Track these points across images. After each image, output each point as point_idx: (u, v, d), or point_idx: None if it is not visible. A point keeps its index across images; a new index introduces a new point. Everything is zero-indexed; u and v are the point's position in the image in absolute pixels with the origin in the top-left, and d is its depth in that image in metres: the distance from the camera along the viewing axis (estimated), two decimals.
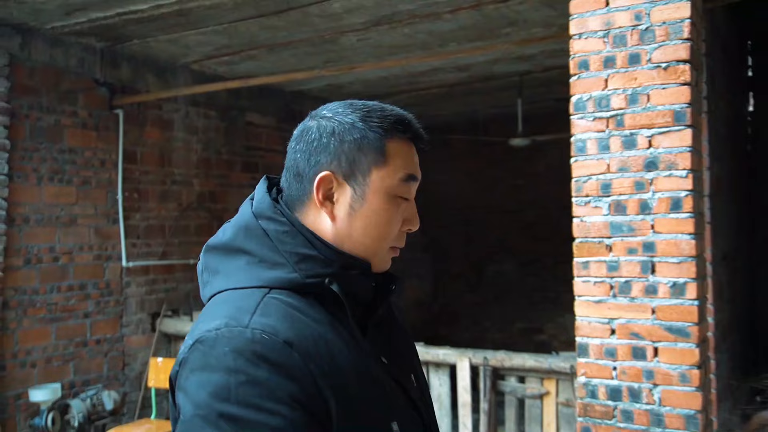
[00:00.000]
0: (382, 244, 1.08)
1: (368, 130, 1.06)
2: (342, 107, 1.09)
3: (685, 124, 2.74)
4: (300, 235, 1.04)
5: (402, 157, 1.07)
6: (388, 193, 1.06)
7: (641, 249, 2.83)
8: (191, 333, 0.99)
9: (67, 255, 5.04)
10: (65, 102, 5.04)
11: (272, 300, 0.99)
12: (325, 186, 1.05)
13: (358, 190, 1.06)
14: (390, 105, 1.11)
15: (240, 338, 0.92)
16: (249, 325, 0.94)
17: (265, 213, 1.06)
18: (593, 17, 2.91)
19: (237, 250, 1.05)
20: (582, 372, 2.97)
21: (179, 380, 0.96)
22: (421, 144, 1.11)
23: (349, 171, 1.05)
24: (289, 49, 5.35)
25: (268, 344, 0.92)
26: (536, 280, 8.69)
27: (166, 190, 5.86)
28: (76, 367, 5.09)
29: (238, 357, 0.91)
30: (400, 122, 1.08)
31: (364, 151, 1.05)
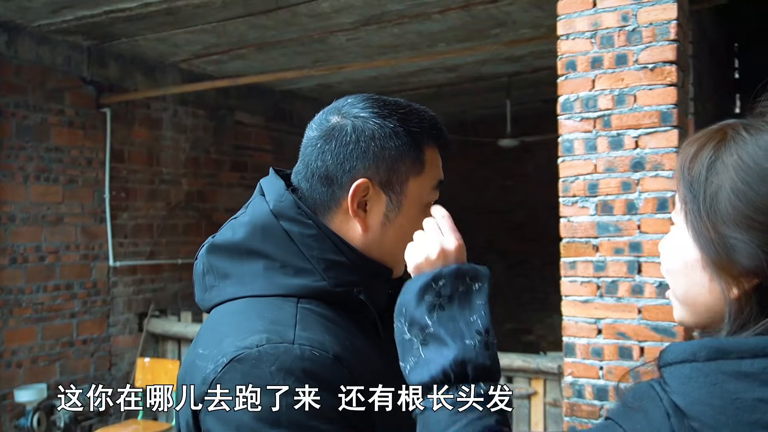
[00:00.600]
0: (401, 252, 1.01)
1: (410, 137, 0.98)
2: (377, 106, 1.00)
3: (671, 125, 2.75)
4: (327, 240, 0.96)
5: (435, 164, 1.02)
6: (422, 202, 1.01)
7: (628, 249, 2.85)
8: (216, 348, 0.89)
9: (53, 254, 5.01)
10: (52, 100, 5.01)
11: (306, 311, 0.92)
12: (361, 194, 0.97)
13: (394, 199, 0.99)
14: (418, 104, 1.05)
15: (288, 355, 0.85)
16: (295, 341, 0.86)
17: (287, 213, 0.97)
18: (581, 18, 2.92)
19: (253, 252, 0.96)
20: (569, 372, 2.98)
21: (210, 404, 0.86)
22: (446, 152, 1.05)
23: (387, 179, 0.98)
24: (278, 49, 5.34)
25: (319, 361, 0.86)
26: (525, 280, 8.71)
27: (154, 189, 5.84)
28: (62, 367, 5.05)
29: (288, 376, 0.84)
30: (435, 128, 1.02)
31: (403, 159, 0.98)
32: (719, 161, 0.73)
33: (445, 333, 0.86)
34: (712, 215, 0.72)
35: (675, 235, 0.79)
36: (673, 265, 0.79)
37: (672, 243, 0.80)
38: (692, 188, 0.75)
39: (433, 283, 0.89)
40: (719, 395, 0.65)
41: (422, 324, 0.87)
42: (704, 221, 0.73)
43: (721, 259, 0.72)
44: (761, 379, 0.64)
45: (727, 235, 0.71)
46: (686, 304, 0.79)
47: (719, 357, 0.66)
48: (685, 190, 0.76)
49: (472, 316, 0.88)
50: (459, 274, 0.90)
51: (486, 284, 0.92)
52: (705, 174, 0.74)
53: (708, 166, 0.73)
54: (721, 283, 0.72)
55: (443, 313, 0.88)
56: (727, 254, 0.71)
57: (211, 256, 1.00)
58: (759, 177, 0.70)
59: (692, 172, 0.75)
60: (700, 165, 0.74)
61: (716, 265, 0.72)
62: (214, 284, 0.99)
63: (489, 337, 0.87)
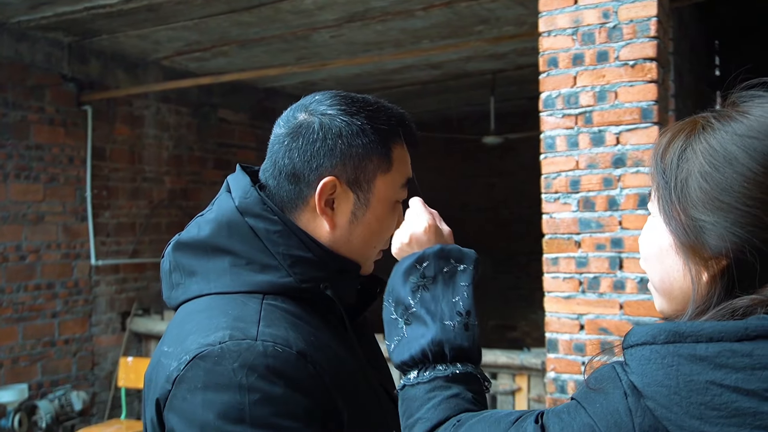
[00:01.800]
0: (375, 250, 1.04)
1: (377, 134, 0.98)
2: (345, 103, 0.99)
3: (651, 121, 2.77)
4: (293, 236, 0.96)
5: (403, 162, 1.02)
6: (391, 200, 1.01)
7: (609, 245, 2.86)
8: (179, 346, 0.88)
9: (34, 253, 4.96)
10: (31, 98, 4.95)
11: (271, 307, 0.92)
12: (328, 192, 0.97)
13: (362, 197, 0.99)
14: (386, 101, 1.04)
15: (250, 352, 0.84)
16: (258, 337, 0.86)
17: (253, 209, 0.96)
18: (562, 15, 2.93)
19: (218, 249, 0.95)
20: (551, 367, 2.99)
21: (173, 401, 0.85)
22: (417, 147, 1.06)
23: (354, 177, 0.98)
24: (262, 46, 5.32)
25: (282, 357, 0.85)
26: (510, 277, 8.74)
27: (136, 187, 5.79)
28: (43, 368, 5.00)
29: (251, 373, 0.83)
30: (403, 125, 1.02)
31: (371, 157, 0.98)
32: (689, 148, 0.75)
33: (426, 313, 0.89)
34: (683, 199, 0.74)
35: (650, 224, 0.82)
36: (648, 252, 0.81)
37: (648, 230, 0.82)
38: (665, 175, 0.77)
39: (417, 264, 0.92)
40: (674, 376, 0.67)
41: (406, 304, 0.90)
42: (675, 206, 0.75)
43: (691, 241, 0.74)
44: (715, 363, 0.66)
45: (697, 217, 0.73)
46: (663, 292, 0.81)
47: (677, 340, 0.68)
48: (659, 178, 0.78)
49: (454, 297, 0.90)
50: (443, 255, 0.93)
51: (471, 266, 0.93)
52: (676, 161, 0.76)
53: (679, 153, 0.76)
54: (692, 266, 0.74)
55: (426, 293, 0.90)
56: (697, 237, 0.73)
57: (177, 254, 0.99)
58: (725, 159, 0.72)
59: (665, 160, 0.77)
60: (672, 153, 0.77)
61: (687, 247, 0.74)
62: (180, 282, 0.98)
63: (470, 318, 0.89)
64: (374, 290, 1.11)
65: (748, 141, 0.72)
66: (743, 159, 0.72)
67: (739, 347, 0.66)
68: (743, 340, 0.66)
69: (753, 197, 0.70)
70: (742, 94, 0.79)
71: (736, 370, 0.65)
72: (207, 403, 0.82)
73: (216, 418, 0.81)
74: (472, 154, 8.60)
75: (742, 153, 0.72)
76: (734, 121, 0.75)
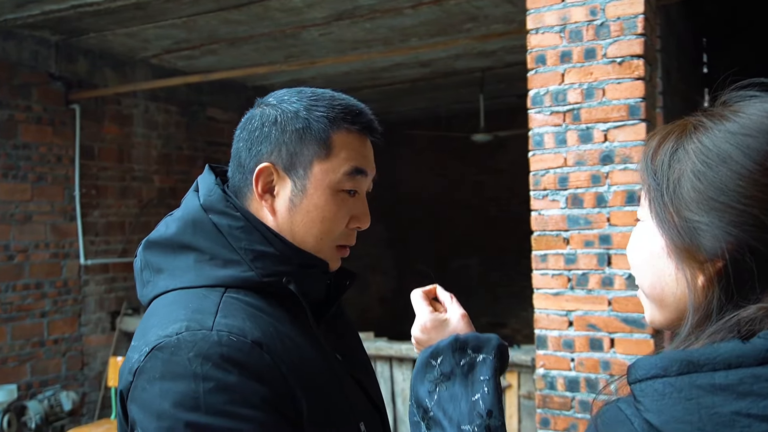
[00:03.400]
0: (326, 242, 1.01)
1: (312, 119, 0.99)
2: (289, 94, 1.03)
3: (639, 118, 2.78)
4: (256, 231, 0.97)
5: (349, 149, 1.00)
6: (331, 188, 0.99)
7: (598, 241, 2.87)
8: (142, 339, 0.91)
9: (22, 253, 4.93)
10: (19, 96, 4.92)
11: (231, 300, 0.93)
12: (265, 178, 0.99)
13: (298, 183, 0.99)
14: (344, 94, 1.05)
15: (205, 342, 0.85)
16: (213, 327, 0.87)
17: (216, 206, 0.99)
18: (550, 12, 2.94)
19: (184, 246, 0.98)
20: (541, 364, 3.01)
21: (134, 392, 0.87)
22: (374, 136, 1.03)
23: (290, 163, 0.99)
24: (251, 44, 5.31)
25: (237, 346, 0.86)
26: (500, 275, 8.77)
27: (125, 186, 5.77)
28: (33, 368, 4.98)
29: (205, 362, 0.84)
30: (349, 112, 1.01)
31: (306, 142, 0.99)
32: (681, 149, 0.73)
33: (443, 417, 0.85)
34: (676, 200, 0.72)
35: (639, 228, 0.79)
36: (639, 257, 0.78)
37: (637, 236, 0.79)
38: (656, 177, 0.74)
39: (432, 359, 0.88)
40: (695, 411, 0.62)
41: (425, 406, 0.87)
42: (668, 207, 0.73)
43: (685, 243, 0.71)
44: (738, 392, 0.62)
45: (690, 218, 0.70)
46: (654, 299, 0.78)
47: (691, 370, 0.64)
48: (650, 180, 0.75)
49: (474, 394, 0.85)
50: (458, 346, 0.88)
51: (491, 355, 0.88)
52: (668, 162, 0.74)
53: (671, 154, 0.74)
54: (686, 270, 0.71)
55: (444, 392, 0.86)
56: (691, 238, 0.70)
57: (147, 252, 1.02)
58: (718, 158, 0.70)
59: (655, 161, 0.75)
60: (663, 154, 0.74)
61: (681, 250, 0.71)
62: (149, 279, 1.00)
63: (491, 419, 0.84)
64: (344, 283, 1.11)
65: (742, 139, 0.70)
66: (738, 157, 0.69)
67: (761, 371, 0.62)
68: (764, 364, 0.62)
69: (749, 196, 0.68)
70: (732, 94, 0.77)
71: (762, 397, 0.61)
72: (164, 393, 0.84)
73: (172, 407, 0.83)
74: (461, 152, 8.61)
75: (737, 151, 0.69)
76: (727, 120, 0.72)
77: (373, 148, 1.07)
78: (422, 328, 0.93)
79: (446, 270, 9.29)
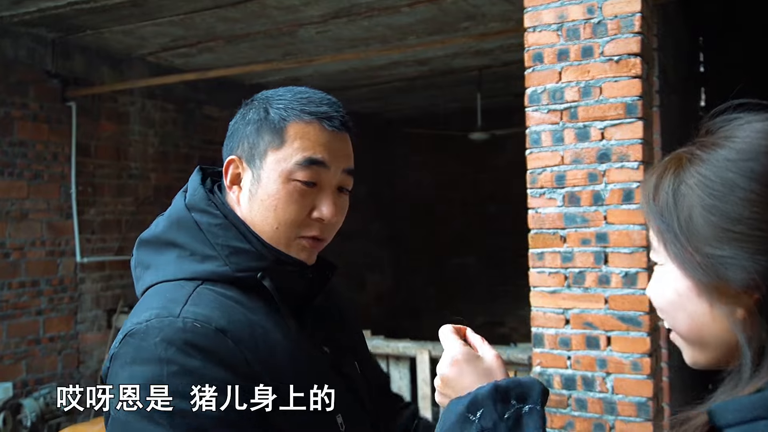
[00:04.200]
0: (283, 232, 1.02)
1: (271, 111, 1.03)
2: (269, 92, 1.08)
3: (636, 117, 2.78)
4: (233, 228, 1.02)
5: (304, 139, 1.01)
6: (283, 177, 1.01)
7: (594, 240, 2.87)
8: (123, 328, 0.95)
9: (18, 251, 4.91)
10: (15, 94, 4.90)
11: (205, 290, 0.97)
12: (232, 171, 1.05)
13: (255, 173, 1.03)
14: (321, 92, 1.07)
15: (171, 328, 0.89)
16: (180, 315, 0.91)
17: (198, 205, 1.04)
18: (547, 10, 2.94)
19: (168, 243, 1.03)
20: (537, 362, 3.01)
21: (110, 377, 0.92)
22: (331, 125, 1.03)
23: (250, 154, 1.04)
24: (248, 42, 5.30)
25: (201, 332, 0.89)
26: (497, 273, 8.76)
27: (122, 184, 5.75)
28: (28, 366, 4.97)
29: (170, 347, 0.88)
30: (308, 103, 1.03)
31: (261, 133, 1.03)
32: (683, 185, 0.71)
33: None
34: (692, 239, 0.69)
35: (660, 273, 0.75)
36: (667, 301, 0.75)
37: (659, 281, 0.76)
38: (663, 218, 0.72)
39: (470, 413, 0.78)
40: None
41: None
42: (685, 247, 0.70)
43: (713, 280, 0.68)
44: None
45: (712, 254, 0.68)
46: (693, 341, 0.74)
47: None
48: (657, 222, 0.73)
49: None
50: (499, 397, 0.79)
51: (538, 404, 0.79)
52: (672, 200, 0.71)
53: (673, 192, 0.72)
54: (722, 307, 0.68)
55: None
56: (718, 274, 0.68)
57: (139, 251, 1.09)
58: (724, 187, 0.68)
59: (659, 202, 0.73)
60: (665, 193, 0.72)
61: (710, 288, 0.69)
62: (140, 275, 1.06)
63: None
64: (326, 276, 1.12)
65: (743, 164, 0.68)
66: (744, 183, 0.67)
67: None
68: None
69: (766, 220, 0.66)
70: (715, 121, 0.75)
71: None
72: (132, 376, 0.88)
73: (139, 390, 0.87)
74: (458, 150, 8.61)
75: (741, 177, 0.67)
76: (721, 147, 0.71)
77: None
78: (453, 361, 0.85)
79: (444, 268, 9.30)
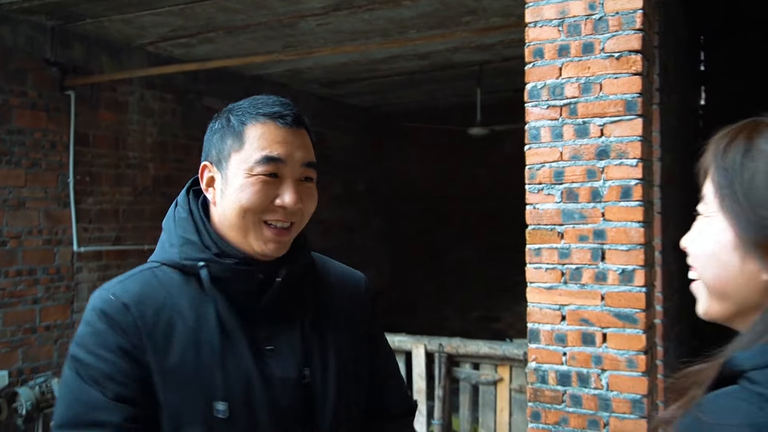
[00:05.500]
0: (249, 219, 1.14)
1: (232, 118, 1.18)
2: (232, 104, 1.22)
3: (636, 114, 2.78)
4: (192, 222, 1.19)
5: (261, 139, 1.14)
6: (246, 174, 1.14)
7: (592, 236, 2.87)
8: None
9: (15, 239, 4.90)
10: (13, 82, 4.88)
11: (149, 272, 1.17)
12: (207, 175, 1.20)
13: (223, 174, 1.17)
14: (273, 96, 1.21)
15: (98, 299, 1.13)
16: (109, 289, 1.14)
17: (179, 201, 1.23)
18: (548, 6, 2.93)
19: (162, 230, 1.24)
20: (533, 357, 3.01)
21: None
22: (284, 122, 1.15)
23: (218, 159, 1.18)
24: (248, 33, 5.28)
25: (112, 304, 1.11)
26: (494, 269, 8.76)
27: (120, 173, 5.74)
28: (24, 354, 4.96)
29: (92, 313, 1.12)
30: (262, 106, 1.17)
31: (225, 138, 1.17)
32: (755, 149, 0.75)
33: None
34: (751, 197, 0.73)
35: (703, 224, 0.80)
36: (705, 249, 0.79)
37: (700, 231, 0.80)
38: (727, 174, 0.76)
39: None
40: None
41: None
42: (741, 203, 0.74)
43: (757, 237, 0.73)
44: None
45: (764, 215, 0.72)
46: (715, 291, 0.79)
47: None
48: (720, 177, 0.77)
49: None
50: None
51: None
52: (740, 160, 0.75)
53: (742, 153, 0.76)
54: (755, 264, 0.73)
55: None
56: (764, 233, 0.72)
57: None
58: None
59: (726, 159, 0.77)
60: (735, 152, 0.76)
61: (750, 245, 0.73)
62: None
63: None
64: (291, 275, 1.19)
65: None
66: None
67: None
68: None
69: None
70: None
71: None
72: (77, 332, 1.13)
73: (73, 344, 1.13)
74: (458, 145, 8.60)
75: None
76: None
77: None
78: None
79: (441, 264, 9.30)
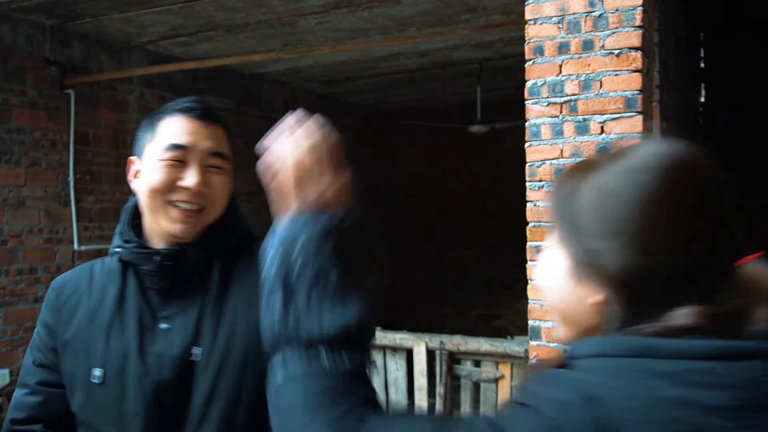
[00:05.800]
0: (158, 201, 1.27)
1: (152, 117, 1.33)
2: None
3: (636, 111, 2.78)
4: (125, 213, 1.35)
5: (169, 130, 1.29)
6: (155, 160, 1.27)
7: None
8: None
9: (15, 238, 4.91)
10: (13, 81, 4.88)
11: (96, 261, 1.38)
12: (133, 168, 1.34)
13: (140, 163, 1.31)
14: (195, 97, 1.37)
15: None
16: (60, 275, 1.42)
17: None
18: (548, 3, 2.93)
19: None
20: (534, 354, 3.01)
21: None
22: (191, 115, 1.30)
23: (139, 151, 1.33)
24: (247, 31, 5.27)
25: (50, 287, 1.39)
26: (495, 266, 8.76)
27: (120, 172, 5.72)
28: (25, 353, 4.96)
29: None
30: (177, 104, 1.32)
31: (144, 134, 1.32)
32: (586, 184, 0.82)
33: None
34: (582, 229, 0.80)
35: (547, 254, 0.88)
36: (548, 278, 0.86)
37: (544, 260, 0.88)
38: (565, 208, 0.83)
39: None
40: (642, 388, 0.69)
41: None
42: (575, 234, 0.81)
43: (585, 263, 0.79)
44: (679, 380, 0.68)
45: (593, 245, 0.79)
46: (563, 317, 0.85)
47: (641, 354, 0.71)
48: (559, 211, 0.84)
49: None
50: None
51: None
52: (573, 196, 0.82)
53: (577, 187, 0.82)
54: (584, 289, 0.79)
55: None
56: (594, 258, 0.78)
57: None
58: (613, 192, 0.79)
59: (562, 194, 0.85)
60: (569, 189, 0.84)
61: (582, 270, 0.80)
62: None
63: None
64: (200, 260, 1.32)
65: (631, 175, 0.79)
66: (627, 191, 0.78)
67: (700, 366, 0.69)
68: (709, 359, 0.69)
69: (637, 224, 0.75)
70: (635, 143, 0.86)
71: (701, 386, 0.67)
72: None
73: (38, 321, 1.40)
74: (458, 143, 8.59)
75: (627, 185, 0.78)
76: (621, 159, 0.82)
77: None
78: None
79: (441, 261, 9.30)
